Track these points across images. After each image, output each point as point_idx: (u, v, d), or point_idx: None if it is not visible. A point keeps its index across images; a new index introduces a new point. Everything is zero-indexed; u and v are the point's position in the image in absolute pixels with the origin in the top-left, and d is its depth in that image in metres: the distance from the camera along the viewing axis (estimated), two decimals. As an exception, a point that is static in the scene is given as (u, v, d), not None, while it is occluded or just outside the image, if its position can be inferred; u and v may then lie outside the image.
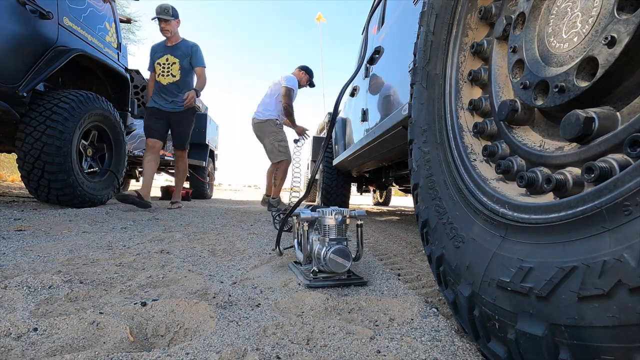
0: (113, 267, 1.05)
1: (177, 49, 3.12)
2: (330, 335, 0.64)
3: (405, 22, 1.70)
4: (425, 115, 0.85)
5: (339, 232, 0.98)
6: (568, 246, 0.40)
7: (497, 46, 0.72)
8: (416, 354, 0.58)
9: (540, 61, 0.56)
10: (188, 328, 0.67)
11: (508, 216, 0.52)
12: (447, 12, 0.81)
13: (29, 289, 0.79)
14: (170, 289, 0.84)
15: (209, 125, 6.64)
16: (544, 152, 0.54)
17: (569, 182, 0.46)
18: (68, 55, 2.50)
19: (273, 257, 1.32)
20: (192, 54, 3.14)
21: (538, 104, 0.55)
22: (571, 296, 0.38)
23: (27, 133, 2.33)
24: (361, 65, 1.44)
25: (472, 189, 0.63)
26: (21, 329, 0.58)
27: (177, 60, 3.11)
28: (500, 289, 0.48)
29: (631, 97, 0.43)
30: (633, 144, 0.38)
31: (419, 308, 0.78)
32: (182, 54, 3.12)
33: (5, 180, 7.68)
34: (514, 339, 0.45)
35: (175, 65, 3.12)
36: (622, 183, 0.36)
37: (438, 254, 0.68)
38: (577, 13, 0.51)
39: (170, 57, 3.12)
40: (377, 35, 2.43)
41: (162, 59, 3.12)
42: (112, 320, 0.64)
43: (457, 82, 0.78)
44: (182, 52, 3.12)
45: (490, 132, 0.69)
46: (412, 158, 0.91)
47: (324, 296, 0.84)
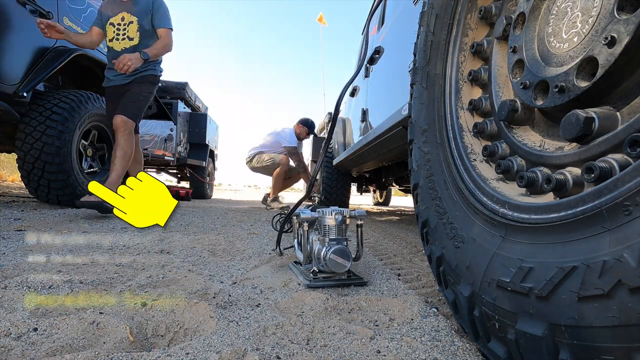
0: (113, 267, 1.05)
1: (135, 4, 2.40)
2: (330, 335, 0.64)
3: (405, 22, 1.70)
4: (425, 115, 0.85)
5: (339, 232, 0.98)
6: (568, 246, 0.40)
7: (497, 46, 0.72)
8: (416, 354, 0.58)
9: (540, 61, 0.56)
10: (188, 328, 0.67)
11: (508, 216, 0.52)
12: (447, 12, 0.81)
13: (29, 289, 0.79)
14: (170, 289, 0.84)
15: (208, 125, 6.64)
16: (544, 152, 0.54)
17: (569, 182, 0.46)
18: (68, 55, 2.50)
19: (273, 257, 1.32)
20: (155, 11, 2.41)
21: (538, 104, 0.55)
22: (571, 296, 0.38)
23: (27, 133, 2.33)
24: (362, 66, 1.44)
25: (472, 189, 0.63)
26: (21, 329, 0.58)
27: (134, 19, 2.39)
28: (500, 289, 0.48)
29: (631, 97, 0.43)
30: (633, 144, 0.38)
31: (419, 308, 0.78)
32: (142, 11, 2.40)
33: (5, 180, 7.69)
34: (514, 339, 0.45)
35: (133, 25, 2.39)
36: (622, 183, 0.36)
37: (438, 254, 0.68)
38: (577, 13, 0.51)
39: (127, 15, 2.39)
40: (377, 35, 2.43)
41: (116, 18, 2.40)
42: (112, 320, 0.64)
43: (457, 82, 0.78)
44: (141, 9, 2.40)
45: (490, 132, 0.69)
46: (412, 158, 0.91)
47: (324, 296, 0.84)
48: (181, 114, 5.92)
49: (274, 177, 3.94)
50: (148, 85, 2.48)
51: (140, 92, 2.43)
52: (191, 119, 6.44)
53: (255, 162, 4.09)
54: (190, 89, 6.23)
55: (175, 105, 5.69)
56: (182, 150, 6.06)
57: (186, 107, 6.31)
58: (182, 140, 6.07)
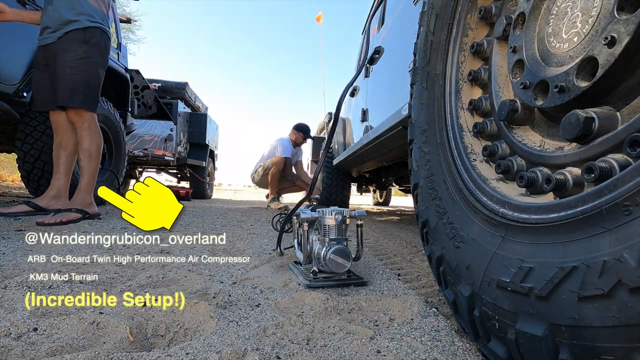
0: (113, 267, 1.05)
1: None
2: (330, 335, 0.64)
3: (405, 22, 1.70)
4: (425, 115, 0.85)
5: (339, 232, 0.98)
6: (568, 246, 0.40)
7: (497, 46, 0.72)
8: (416, 354, 0.58)
9: (540, 61, 0.56)
10: (188, 328, 0.67)
11: (508, 216, 0.52)
12: (447, 12, 0.81)
13: (29, 289, 0.79)
14: (170, 289, 0.84)
15: (209, 125, 6.65)
16: (544, 152, 0.54)
17: (569, 182, 0.46)
18: (68, 55, 2.49)
19: (273, 257, 1.32)
20: None
21: (538, 104, 0.55)
22: (571, 296, 0.38)
23: (27, 133, 2.34)
24: (362, 66, 1.44)
25: (472, 189, 0.63)
26: (21, 329, 0.58)
27: None
28: (500, 289, 0.48)
29: (631, 97, 0.43)
30: (633, 144, 0.38)
31: (419, 308, 0.78)
32: None
33: (5, 180, 7.69)
34: (514, 339, 0.45)
35: None
36: (622, 183, 0.36)
37: (438, 254, 0.68)
38: (577, 13, 0.51)
39: None
40: (377, 36, 2.43)
41: None
42: (112, 320, 0.64)
43: (457, 82, 0.78)
44: None
45: (490, 132, 0.69)
46: (412, 158, 0.91)
47: (324, 296, 0.84)
48: (181, 114, 5.93)
49: (269, 177, 4.05)
50: (79, 45, 1.81)
51: (71, 56, 1.80)
52: (191, 119, 6.44)
53: (256, 178, 4.26)
54: (190, 89, 6.23)
55: (175, 105, 5.70)
56: (182, 150, 6.06)
57: (186, 107, 6.31)
58: (182, 140, 6.08)
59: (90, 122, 1.90)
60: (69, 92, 1.80)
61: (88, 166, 1.93)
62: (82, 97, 1.84)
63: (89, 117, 1.89)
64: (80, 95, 1.83)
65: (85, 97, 1.86)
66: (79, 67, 1.84)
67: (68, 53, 1.82)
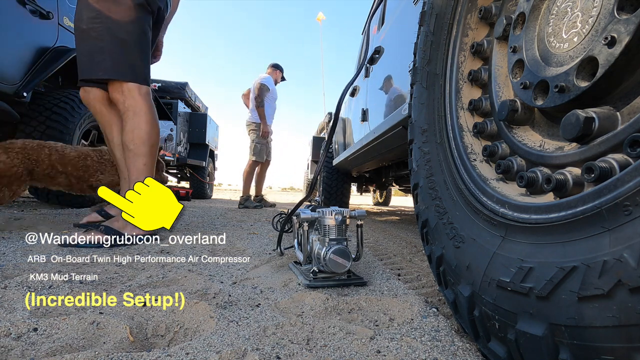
0: (113, 267, 1.05)
1: None
2: (330, 335, 0.64)
3: (405, 22, 1.70)
4: (425, 115, 0.85)
5: (339, 232, 0.98)
6: (568, 246, 0.40)
7: (497, 46, 0.72)
8: (416, 354, 0.58)
9: (540, 61, 0.56)
10: (188, 328, 0.67)
11: (508, 216, 0.52)
12: (447, 12, 0.81)
13: (29, 289, 0.79)
14: (170, 289, 0.84)
15: (209, 125, 6.65)
16: (544, 152, 0.54)
17: (569, 182, 0.46)
18: (68, 55, 2.50)
19: (273, 257, 1.32)
20: None
21: (538, 104, 0.55)
22: (571, 296, 0.38)
23: (27, 133, 2.34)
24: (362, 66, 1.44)
25: (472, 189, 0.63)
26: (21, 329, 0.58)
27: None
28: (500, 289, 0.48)
29: (631, 97, 0.43)
30: (633, 144, 0.38)
31: (419, 308, 0.78)
32: None
33: (5, 180, 7.67)
34: (514, 339, 0.45)
35: None
36: (622, 183, 0.36)
37: (438, 254, 0.68)
38: (577, 13, 0.51)
39: None
40: (377, 35, 2.43)
41: None
42: (112, 320, 0.64)
43: (457, 82, 0.78)
44: None
45: (490, 132, 0.69)
46: (412, 158, 0.91)
47: (324, 296, 0.84)
48: (181, 114, 5.93)
49: (243, 176, 4.15)
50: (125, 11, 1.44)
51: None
52: (191, 119, 6.44)
53: (248, 129, 4.28)
54: (190, 89, 6.23)
55: (175, 105, 5.70)
56: (182, 150, 6.06)
57: (186, 107, 6.31)
58: (182, 140, 6.08)
59: (145, 94, 1.64)
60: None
61: (130, 157, 1.60)
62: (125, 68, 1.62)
63: (144, 90, 1.65)
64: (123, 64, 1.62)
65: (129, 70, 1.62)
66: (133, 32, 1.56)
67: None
